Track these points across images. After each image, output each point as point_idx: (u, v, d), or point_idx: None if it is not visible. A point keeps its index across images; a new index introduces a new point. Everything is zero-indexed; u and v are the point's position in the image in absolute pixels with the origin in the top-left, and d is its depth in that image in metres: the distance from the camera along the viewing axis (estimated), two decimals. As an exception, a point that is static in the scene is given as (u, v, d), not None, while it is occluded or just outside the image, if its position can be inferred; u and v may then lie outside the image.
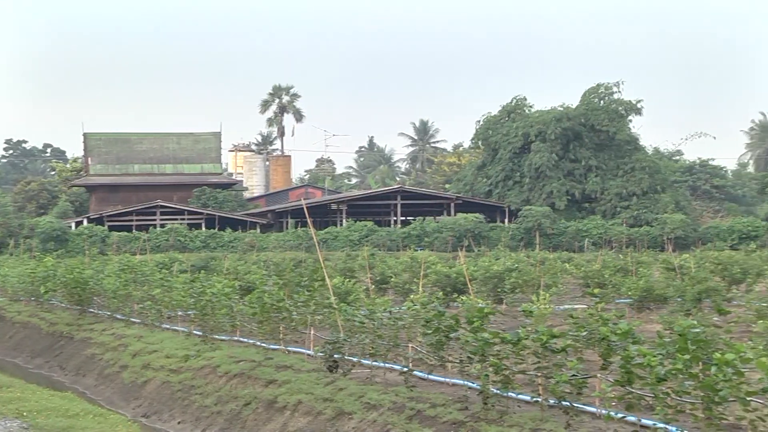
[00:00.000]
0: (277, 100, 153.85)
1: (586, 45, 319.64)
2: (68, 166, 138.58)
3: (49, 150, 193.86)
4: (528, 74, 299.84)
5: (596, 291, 25.01)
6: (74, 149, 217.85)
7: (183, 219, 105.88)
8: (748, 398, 13.03)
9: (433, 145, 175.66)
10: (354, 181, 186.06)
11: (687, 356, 13.25)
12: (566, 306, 34.76)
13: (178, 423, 24.67)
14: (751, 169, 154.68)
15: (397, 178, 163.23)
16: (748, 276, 45.61)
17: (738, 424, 14.29)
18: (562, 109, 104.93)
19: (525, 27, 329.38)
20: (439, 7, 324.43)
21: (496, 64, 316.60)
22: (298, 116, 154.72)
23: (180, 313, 33.94)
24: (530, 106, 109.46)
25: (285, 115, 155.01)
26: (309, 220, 37.86)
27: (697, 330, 13.60)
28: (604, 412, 15.30)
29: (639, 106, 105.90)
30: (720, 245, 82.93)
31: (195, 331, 31.10)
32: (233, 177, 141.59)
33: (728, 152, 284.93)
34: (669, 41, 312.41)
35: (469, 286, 35.29)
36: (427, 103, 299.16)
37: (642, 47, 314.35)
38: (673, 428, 14.01)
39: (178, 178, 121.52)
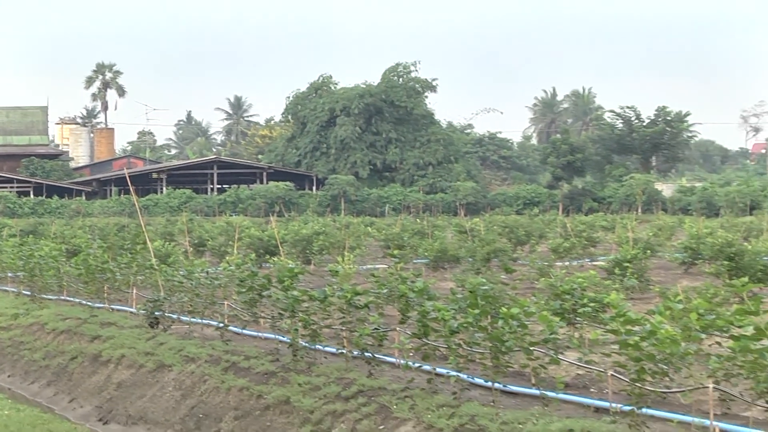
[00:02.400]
0: (100, 77, 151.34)
1: (387, 29, 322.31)
2: None
3: None
4: (334, 54, 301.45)
5: (396, 252, 25.27)
6: None
7: (12, 187, 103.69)
8: (531, 348, 13.30)
9: (246, 119, 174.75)
10: (173, 152, 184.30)
11: (477, 311, 13.45)
12: (369, 266, 34.95)
13: (8, 377, 24.18)
14: (534, 141, 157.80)
15: (214, 150, 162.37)
16: (532, 238, 46.54)
17: (522, 371, 14.62)
18: (364, 86, 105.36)
19: (332, 11, 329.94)
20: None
21: (305, 44, 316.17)
22: (121, 92, 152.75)
23: (10, 275, 33.21)
24: (335, 84, 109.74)
25: (108, 90, 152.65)
26: (131, 188, 37.60)
27: (486, 287, 13.82)
28: (402, 362, 15.45)
29: (434, 84, 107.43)
30: (507, 210, 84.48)
31: (24, 292, 30.47)
32: (60, 148, 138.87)
33: (514, 126, 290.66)
34: (464, 27, 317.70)
35: (280, 248, 35.35)
36: (242, 80, 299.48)
37: (439, 32, 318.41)
38: (465, 375, 14.20)
39: (7, 149, 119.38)
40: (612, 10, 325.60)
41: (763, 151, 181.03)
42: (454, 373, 14.10)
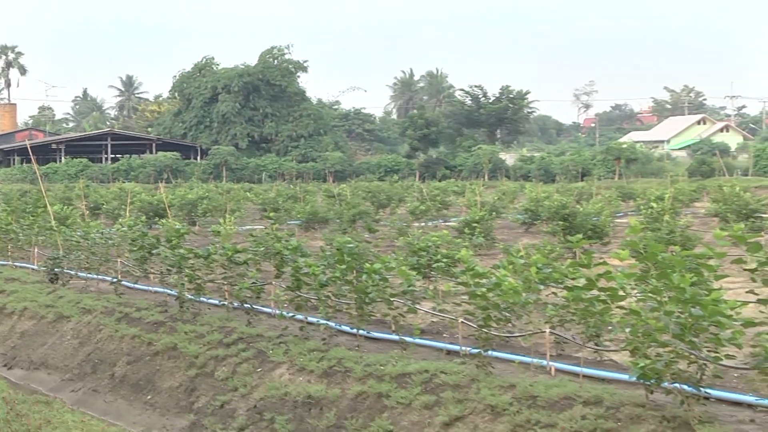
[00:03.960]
0: (3, 57, 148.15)
1: (264, 15, 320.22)
2: None
3: None
4: (216, 38, 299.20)
5: (272, 214, 25.10)
6: None
7: None
8: (392, 299, 13.37)
9: (137, 95, 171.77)
10: (71, 125, 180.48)
11: (344, 266, 13.46)
12: (248, 227, 34.78)
13: None
14: (394, 116, 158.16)
15: (108, 123, 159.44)
16: (392, 201, 46.78)
17: (384, 319, 14.68)
18: (243, 67, 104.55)
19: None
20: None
21: (190, 28, 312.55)
22: (22, 71, 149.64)
23: None
24: (217, 65, 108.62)
25: (11, 69, 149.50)
26: (33, 158, 37.23)
27: (352, 245, 13.83)
28: (278, 312, 15.39)
29: (305, 65, 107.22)
30: (370, 177, 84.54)
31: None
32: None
33: (376, 103, 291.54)
34: (334, 13, 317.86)
35: (168, 211, 34.96)
36: (133, 60, 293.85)
37: (312, 17, 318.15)
38: (333, 324, 14.24)
39: None
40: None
41: (593, 125, 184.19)
42: (324, 322, 14.15)
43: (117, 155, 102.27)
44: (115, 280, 20.41)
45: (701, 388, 9.19)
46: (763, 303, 9.17)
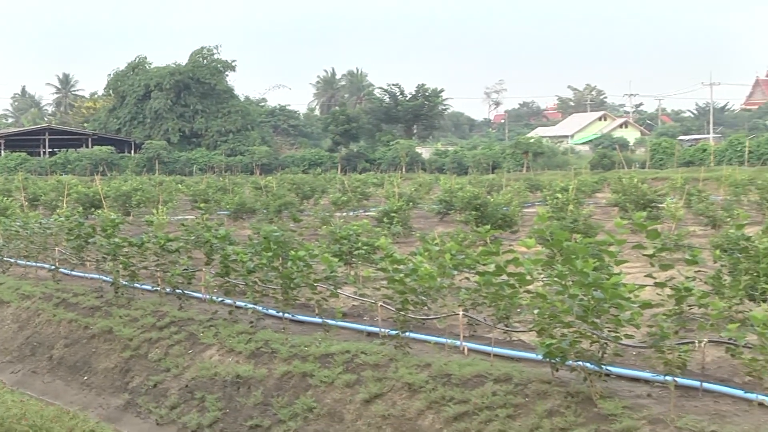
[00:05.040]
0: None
1: (195, 16, 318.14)
2: None
3: None
4: (148, 37, 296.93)
5: (202, 205, 24.93)
6: None
7: None
8: (315, 284, 13.32)
9: (74, 92, 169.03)
10: (10, 120, 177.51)
11: (270, 254, 13.39)
12: (179, 217, 34.45)
13: None
14: (317, 112, 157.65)
15: (46, 119, 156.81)
16: (316, 193, 46.69)
17: (308, 303, 14.62)
18: (174, 66, 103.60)
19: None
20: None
21: (124, 29, 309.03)
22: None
23: None
24: (150, 64, 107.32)
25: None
26: (-28, 152, 36.44)
27: (278, 234, 13.77)
28: (208, 297, 15.33)
29: (233, 64, 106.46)
30: (295, 170, 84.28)
31: None
32: None
33: (301, 100, 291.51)
34: (262, 15, 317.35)
35: (104, 202, 34.58)
36: (70, 59, 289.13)
37: (241, 19, 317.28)
38: (260, 307, 14.17)
39: None
40: (382, 4, 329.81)
41: (502, 121, 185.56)
42: (251, 306, 14.07)
43: (55, 149, 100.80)
44: (53, 267, 20.21)
45: (602, 366, 9.28)
46: (660, 286, 9.28)
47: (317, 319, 14.00)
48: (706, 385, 9.53)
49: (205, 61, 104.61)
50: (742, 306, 12.59)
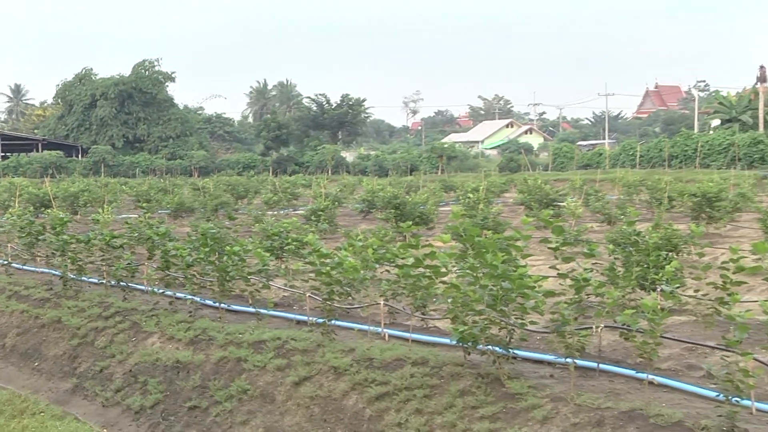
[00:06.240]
0: None
1: (138, 30, 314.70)
2: None
3: None
4: (95, 50, 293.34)
5: (144, 205, 24.65)
6: None
7: None
8: (249, 277, 13.27)
9: (25, 101, 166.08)
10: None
11: (207, 249, 13.30)
12: (123, 215, 34.03)
13: None
14: (250, 120, 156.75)
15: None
16: (249, 193, 46.47)
17: (242, 294, 14.56)
18: (118, 77, 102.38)
19: (97, 13, 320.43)
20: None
21: (71, 41, 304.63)
22: None
23: None
24: (95, 75, 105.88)
25: None
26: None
27: (214, 231, 13.68)
28: (150, 288, 15.16)
29: (173, 75, 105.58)
30: (230, 172, 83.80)
31: None
32: None
33: (235, 108, 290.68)
34: (200, 29, 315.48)
35: (53, 202, 34.04)
36: (21, 70, 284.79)
37: (181, 33, 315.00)
38: (198, 298, 14.07)
39: None
40: (310, 21, 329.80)
41: (420, 128, 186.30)
42: (190, 297, 13.96)
43: (6, 154, 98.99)
44: (5, 262, 19.98)
45: (510, 350, 9.35)
46: (562, 277, 9.37)
47: (251, 309, 13.93)
48: (602, 366, 9.66)
49: (146, 72, 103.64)
50: (635, 294, 12.84)
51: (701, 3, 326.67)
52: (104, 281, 16.71)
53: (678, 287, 10.45)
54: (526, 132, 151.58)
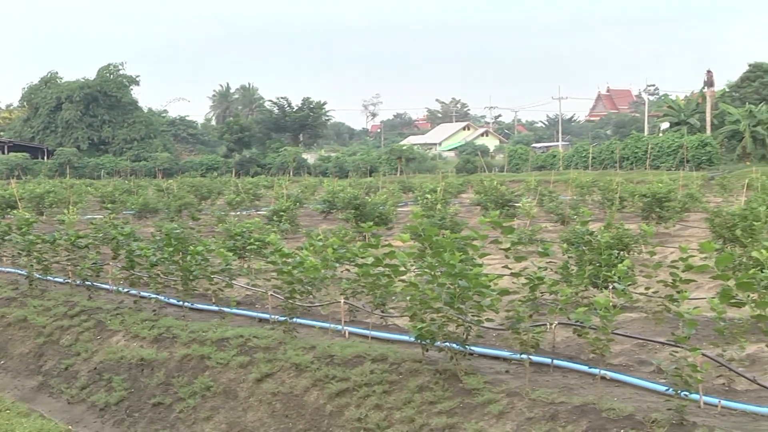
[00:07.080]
0: None
1: (103, 34, 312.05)
2: None
3: None
4: (60, 54, 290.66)
5: (109, 205, 24.40)
6: None
7: None
8: (212, 276, 13.22)
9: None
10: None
11: (171, 249, 13.23)
12: (89, 216, 33.69)
13: None
14: (214, 122, 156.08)
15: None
16: (212, 194, 46.19)
17: (206, 293, 14.48)
18: (83, 80, 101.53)
19: (61, 18, 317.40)
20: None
21: (38, 45, 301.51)
22: None
23: None
24: (61, 78, 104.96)
25: None
26: None
27: (178, 231, 13.61)
28: (115, 288, 15.07)
29: (137, 79, 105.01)
30: (194, 174, 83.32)
31: None
32: None
33: (198, 111, 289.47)
34: (164, 34, 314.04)
35: (19, 203, 33.61)
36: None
37: (146, 38, 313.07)
38: (162, 297, 13.98)
39: None
40: (271, 25, 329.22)
41: (379, 130, 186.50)
42: (154, 296, 13.88)
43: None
44: (-30, 263, 19.63)
45: (467, 346, 9.35)
46: (516, 275, 9.40)
47: (214, 307, 13.86)
48: (556, 361, 9.70)
49: (111, 76, 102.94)
50: (587, 292, 12.91)
51: (652, 11, 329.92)
52: (70, 281, 16.52)
53: (629, 285, 10.53)
54: (482, 134, 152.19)
